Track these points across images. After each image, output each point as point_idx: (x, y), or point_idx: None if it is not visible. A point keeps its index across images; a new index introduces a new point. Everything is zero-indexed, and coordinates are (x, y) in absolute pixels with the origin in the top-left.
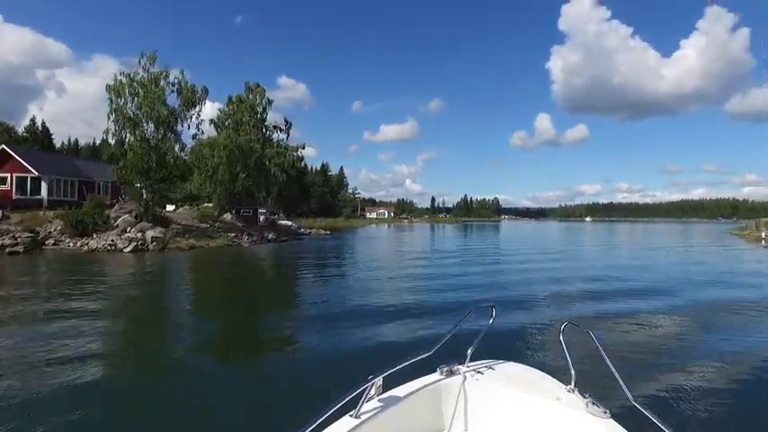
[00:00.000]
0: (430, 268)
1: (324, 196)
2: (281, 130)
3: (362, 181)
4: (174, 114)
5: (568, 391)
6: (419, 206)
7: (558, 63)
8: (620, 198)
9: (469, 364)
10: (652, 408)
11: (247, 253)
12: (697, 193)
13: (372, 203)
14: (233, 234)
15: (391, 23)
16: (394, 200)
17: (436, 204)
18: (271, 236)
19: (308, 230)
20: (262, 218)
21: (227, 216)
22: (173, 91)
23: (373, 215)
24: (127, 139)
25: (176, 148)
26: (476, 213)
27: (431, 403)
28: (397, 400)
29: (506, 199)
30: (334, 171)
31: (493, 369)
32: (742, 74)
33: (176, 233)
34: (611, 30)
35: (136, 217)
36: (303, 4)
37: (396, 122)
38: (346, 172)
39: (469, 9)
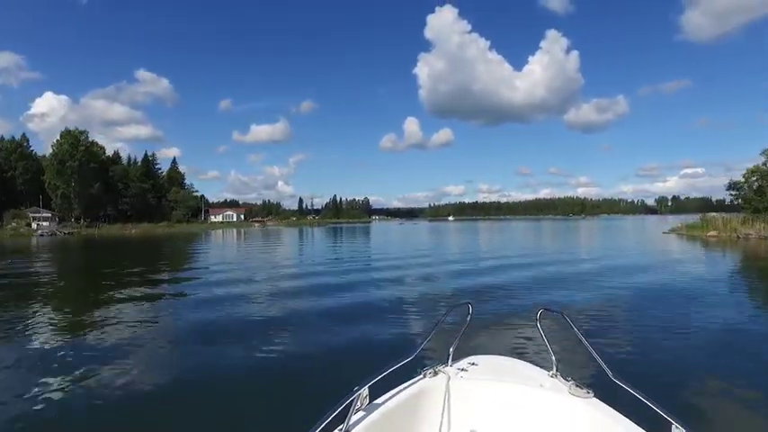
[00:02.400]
0: None
1: (144, 195)
2: None
3: (233, 183)
4: None
5: (551, 376)
6: (287, 208)
7: (425, 69)
8: (482, 198)
9: (452, 363)
10: (630, 381)
11: None
12: (544, 193)
13: (225, 204)
14: None
15: (261, 22)
16: (266, 202)
17: (304, 206)
18: None
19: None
20: None
21: None
22: None
23: (218, 218)
24: None
25: None
26: (345, 214)
27: (419, 406)
28: (385, 408)
29: (378, 200)
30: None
31: (476, 365)
32: (575, 90)
33: None
34: (471, 42)
35: None
36: None
37: (267, 123)
38: (215, 173)
39: (340, 12)
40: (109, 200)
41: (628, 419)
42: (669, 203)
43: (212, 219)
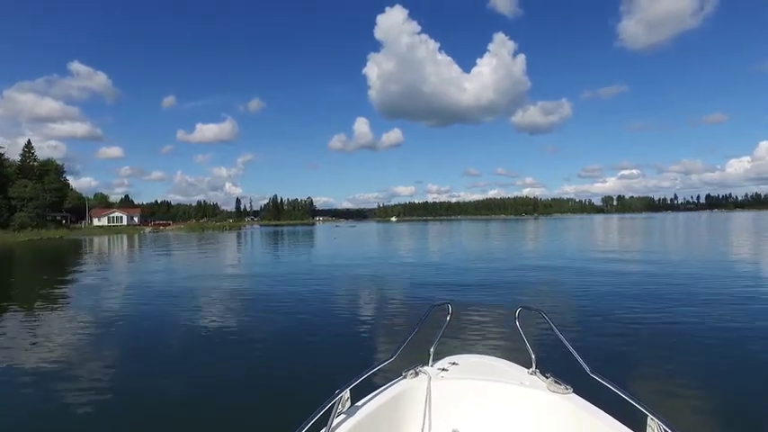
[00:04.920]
0: None
1: None
2: None
3: (179, 184)
4: None
5: (530, 373)
6: (225, 209)
7: (375, 70)
8: (432, 198)
9: (433, 363)
10: (608, 375)
11: None
12: (492, 193)
13: (127, 205)
14: None
15: (204, 18)
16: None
17: (242, 207)
18: None
19: None
20: None
21: None
22: None
23: (103, 221)
24: None
25: None
26: (287, 215)
27: (401, 407)
28: (367, 410)
29: (328, 201)
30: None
31: (457, 364)
32: (522, 92)
33: None
34: (421, 43)
35: None
36: None
37: (213, 122)
38: (159, 174)
39: (288, 9)
40: None
41: (606, 413)
42: (615, 203)
43: (96, 221)
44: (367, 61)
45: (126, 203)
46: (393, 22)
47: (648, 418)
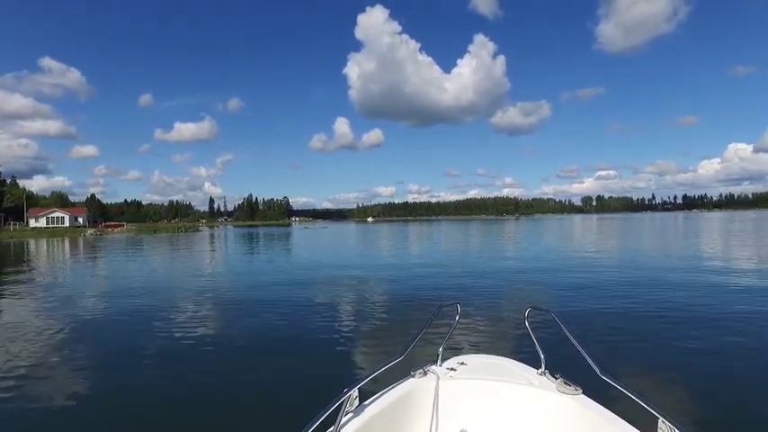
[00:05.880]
0: None
1: None
2: None
3: (156, 184)
4: None
5: (539, 374)
6: (201, 209)
7: (355, 70)
8: (412, 198)
9: (442, 363)
10: (618, 377)
11: None
12: (472, 193)
13: (59, 204)
14: None
15: (181, 15)
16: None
17: (216, 207)
18: None
19: None
20: None
21: None
22: None
23: (41, 222)
24: None
25: None
26: (262, 216)
27: (409, 407)
28: (375, 409)
29: (309, 201)
30: None
31: (465, 364)
32: (502, 93)
33: None
34: (402, 43)
35: None
36: None
37: (192, 121)
38: (136, 174)
39: (269, 8)
40: None
41: (616, 415)
42: (594, 203)
43: (33, 223)
44: (348, 61)
45: (64, 202)
46: (374, 22)
47: (660, 421)
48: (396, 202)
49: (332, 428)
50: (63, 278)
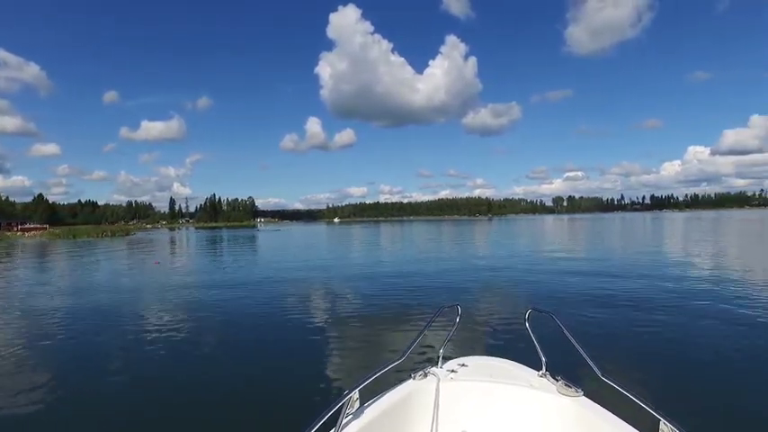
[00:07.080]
0: None
1: None
2: None
3: (123, 184)
4: None
5: (540, 376)
6: (160, 210)
7: (327, 69)
8: (384, 199)
9: (442, 365)
10: (620, 379)
11: None
12: (444, 194)
13: None
14: None
15: (147, 11)
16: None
17: (177, 207)
18: None
19: None
20: None
21: None
22: None
23: None
24: None
25: None
26: (226, 216)
27: (410, 409)
28: (375, 411)
29: (280, 201)
30: None
31: (466, 366)
32: (473, 94)
33: None
34: (374, 43)
35: None
36: None
37: (159, 119)
38: (102, 174)
39: (238, 5)
40: None
41: (617, 417)
42: (565, 203)
43: None
44: (319, 60)
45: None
46: (346, 22)
47: (661, 423)
48: (367, 202)
49: (333, 430)
50: None
